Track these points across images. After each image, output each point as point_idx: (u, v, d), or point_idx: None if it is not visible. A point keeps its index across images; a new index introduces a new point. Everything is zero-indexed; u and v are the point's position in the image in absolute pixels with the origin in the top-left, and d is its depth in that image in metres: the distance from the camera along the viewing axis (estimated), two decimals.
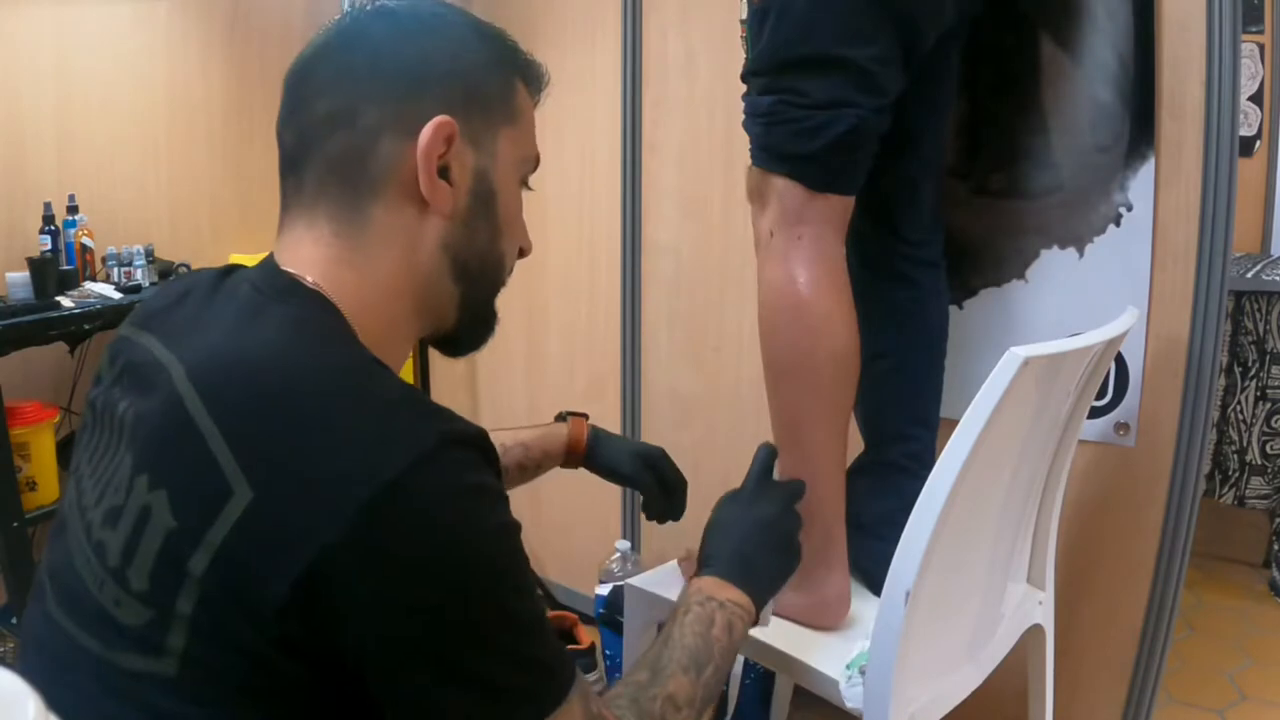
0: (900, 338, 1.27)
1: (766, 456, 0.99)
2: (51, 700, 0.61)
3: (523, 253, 0.80)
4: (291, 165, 0.71)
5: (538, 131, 0.78)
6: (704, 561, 0.91)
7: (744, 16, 1.09)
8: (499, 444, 1.05)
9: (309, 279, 0.67)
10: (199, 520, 0.56)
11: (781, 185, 1.05)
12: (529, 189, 0.79)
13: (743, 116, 1.11)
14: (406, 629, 0.57)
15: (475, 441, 0.61)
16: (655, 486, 1.15)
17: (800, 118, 1.03)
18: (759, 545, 0.92)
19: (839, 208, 1.07)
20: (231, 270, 0.72)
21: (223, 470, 0.56)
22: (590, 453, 1.15)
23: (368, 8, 0.72)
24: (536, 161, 0.79)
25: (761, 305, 1.08)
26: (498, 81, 0.73)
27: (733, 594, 0.87)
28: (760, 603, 0.89)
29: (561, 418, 1.17)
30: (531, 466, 1.13)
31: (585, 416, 1.18)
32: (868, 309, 1.11)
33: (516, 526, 0.63)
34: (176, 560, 0.56)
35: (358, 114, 0.68)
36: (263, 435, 0.57)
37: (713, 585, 0.87)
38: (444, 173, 0.69)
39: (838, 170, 1.05)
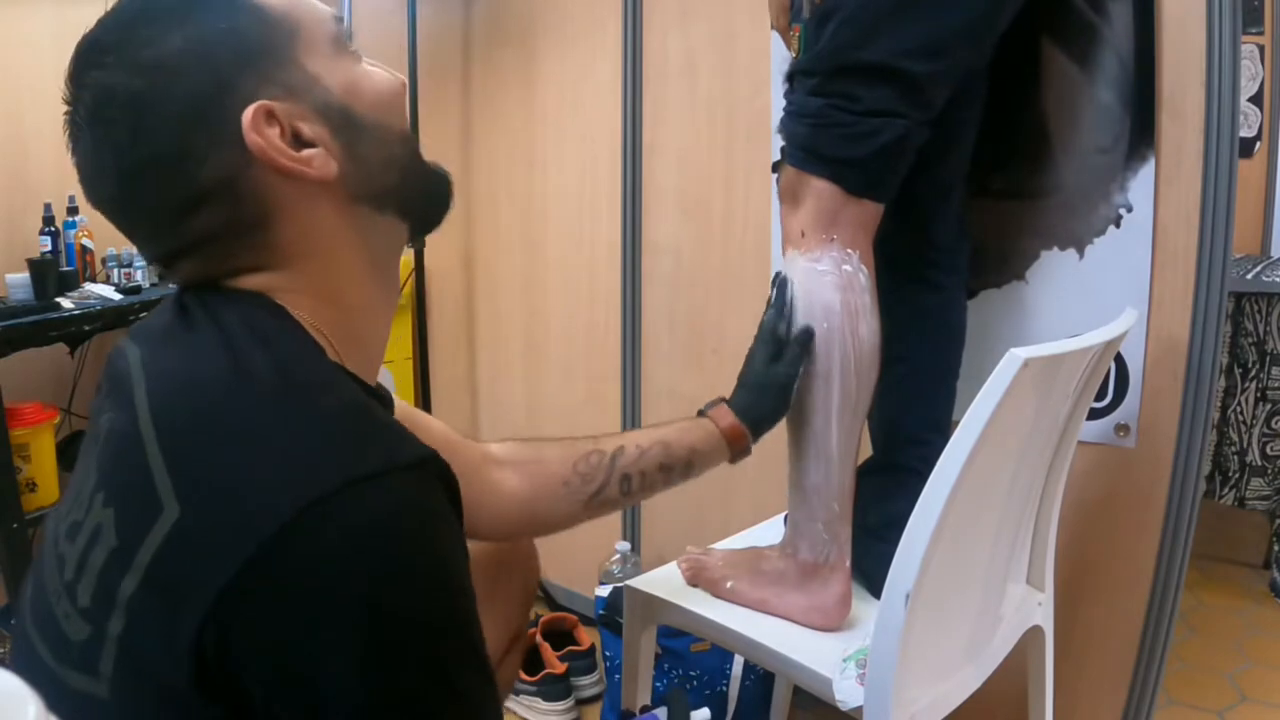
0: (922, 342, 1.27)
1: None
2: None
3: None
4: (145, 233, 0.65)
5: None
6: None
7: (806, 16, 1.10)
8: (636, 446, 1.01)
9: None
10: (133, 539, 0.53)
11: (819, 186, 1.07)
12: (350, 46, 0.69)
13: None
14: (311, 671, 0.50)
15: (425, 464, 0.56)
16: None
17: (850, 122, 1.05)
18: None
19: (872, 213, 1.09)
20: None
21: (156, 487, 0.53)
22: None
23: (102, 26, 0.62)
24: (338, 20, 0.68)
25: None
26: (253, 20, 0.63)
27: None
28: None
29: (702, 413, 1.10)
30: (679, 466, 1.03)
31: (722, 400, 1.11)
32: (891, 312, 1.12)
33: (462, 580, 0.56)
34: (113, 580, 0.54)
35: (186, 170, 0.61)
36: (195, 450, 0.54)
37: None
38: (298, 140, 0.62)
39: (877, 176, 1.07)
